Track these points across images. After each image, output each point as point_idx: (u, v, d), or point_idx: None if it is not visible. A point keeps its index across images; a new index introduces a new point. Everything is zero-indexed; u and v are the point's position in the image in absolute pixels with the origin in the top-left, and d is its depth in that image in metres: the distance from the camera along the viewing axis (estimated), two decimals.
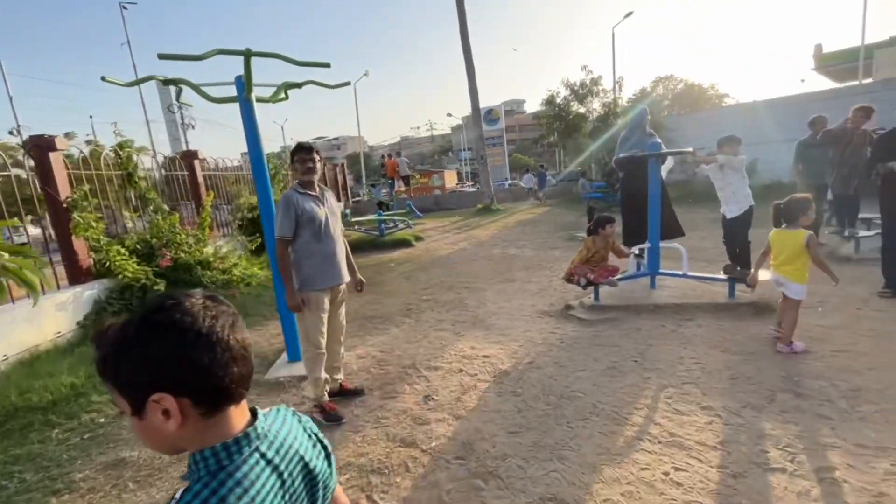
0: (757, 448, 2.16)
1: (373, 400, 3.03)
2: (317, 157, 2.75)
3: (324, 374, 2.81)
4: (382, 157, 15.52)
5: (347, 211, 9.10)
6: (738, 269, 4.11)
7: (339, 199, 19.57)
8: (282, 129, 43.82)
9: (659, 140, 4.36)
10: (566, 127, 15.60)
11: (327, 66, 3.41)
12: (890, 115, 5.25)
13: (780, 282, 3.18)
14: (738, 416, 2.44)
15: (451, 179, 30.53)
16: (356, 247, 9.69)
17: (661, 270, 4.50)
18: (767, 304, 3.95)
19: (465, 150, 46.37)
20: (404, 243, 9.61)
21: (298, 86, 3.66)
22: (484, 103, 16.15)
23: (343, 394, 3.06)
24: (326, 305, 2.78)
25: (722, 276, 4.20)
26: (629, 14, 17.70)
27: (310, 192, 2.74)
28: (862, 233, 5.52)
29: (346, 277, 2.92)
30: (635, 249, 4.54)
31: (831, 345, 3.19)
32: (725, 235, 4.24)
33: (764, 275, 4.05)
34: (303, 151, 2.71)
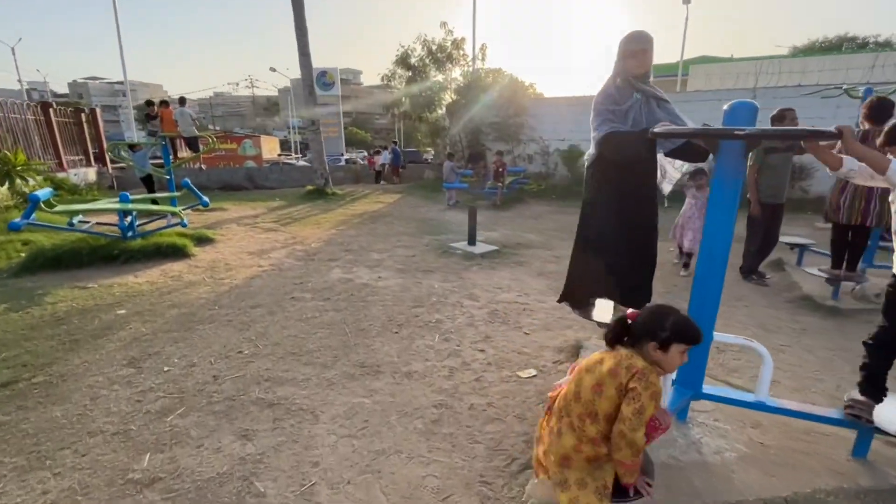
0: None
1: None
2: None
3: None
4: (150, 103, 10.05)
5: (41, 193, 4.64)
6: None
7: (87, 162, 13.06)
8: (12, 51, 30.11)
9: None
10: (421, 96, 12.84)
11: None
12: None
13: None
14: None
15: (270, 148, 24.95)
16: (74, 261, 5.24)
17: (706, 390, 2.09)
18: None
19: (293, 116, 39.99)
20: (174, 253, 5.55)
21: None
22: (317, 65, 12.31)
23: None
24: None
25: (841, 415, 1.97)
26: None
27: None
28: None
29: None
30: None
31: None
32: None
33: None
34: None
